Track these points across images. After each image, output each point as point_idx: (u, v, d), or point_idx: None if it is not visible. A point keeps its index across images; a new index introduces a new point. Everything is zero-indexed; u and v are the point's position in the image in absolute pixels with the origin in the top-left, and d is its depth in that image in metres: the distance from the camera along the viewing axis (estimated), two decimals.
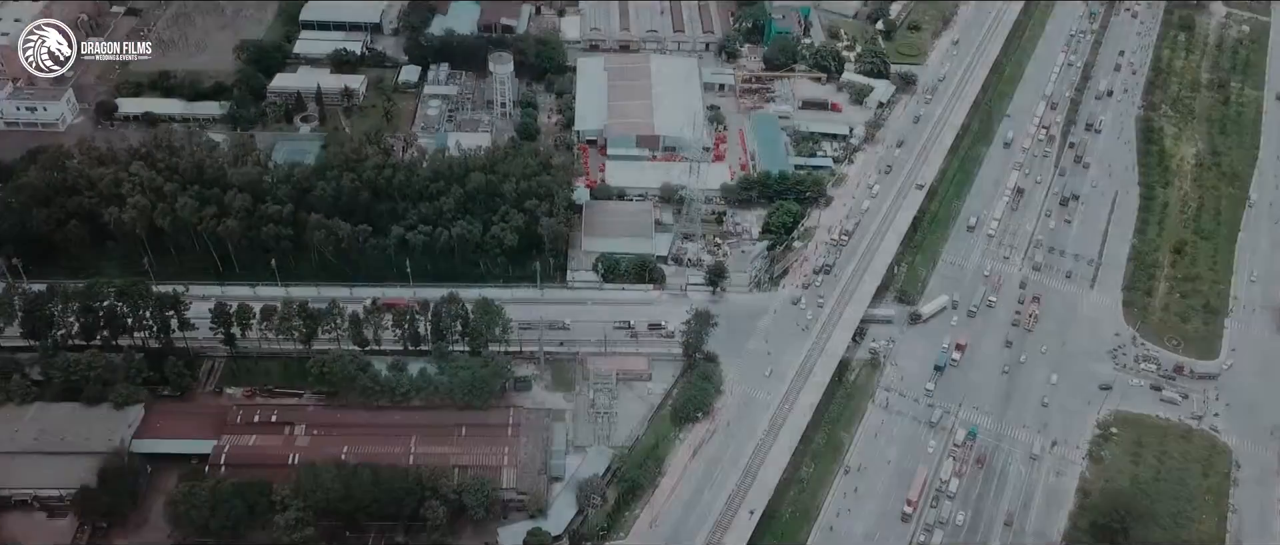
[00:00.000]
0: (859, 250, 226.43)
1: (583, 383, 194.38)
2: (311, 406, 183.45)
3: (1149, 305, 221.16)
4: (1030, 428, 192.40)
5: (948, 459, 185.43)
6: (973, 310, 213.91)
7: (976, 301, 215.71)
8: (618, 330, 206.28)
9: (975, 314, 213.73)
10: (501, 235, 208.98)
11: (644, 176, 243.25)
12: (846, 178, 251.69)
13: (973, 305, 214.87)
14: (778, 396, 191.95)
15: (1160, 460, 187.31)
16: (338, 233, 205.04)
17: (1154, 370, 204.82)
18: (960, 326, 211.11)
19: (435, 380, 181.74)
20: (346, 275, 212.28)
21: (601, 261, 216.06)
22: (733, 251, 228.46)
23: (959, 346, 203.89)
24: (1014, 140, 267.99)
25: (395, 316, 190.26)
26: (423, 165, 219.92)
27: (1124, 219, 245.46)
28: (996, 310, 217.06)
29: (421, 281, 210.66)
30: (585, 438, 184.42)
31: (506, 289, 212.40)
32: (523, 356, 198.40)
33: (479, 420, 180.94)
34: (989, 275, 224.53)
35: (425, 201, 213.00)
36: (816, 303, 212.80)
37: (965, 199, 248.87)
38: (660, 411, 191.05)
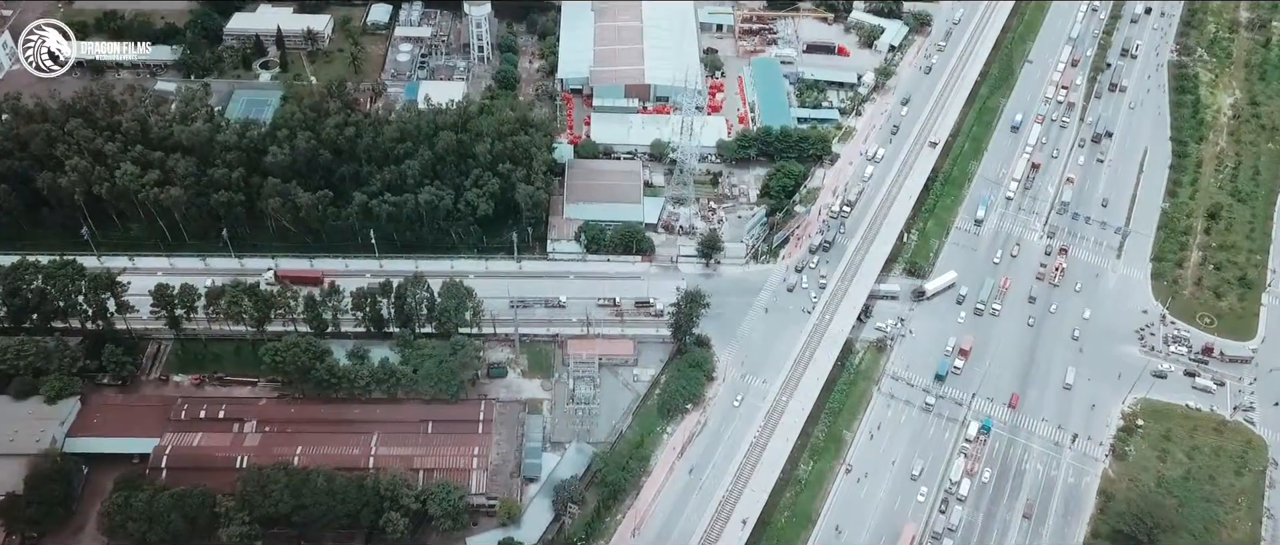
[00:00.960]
0: (866, 218, 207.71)
1: (562, 369, 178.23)
2: (264, 400, 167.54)
3: (1180, 278, 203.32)
4: (1049, 420, 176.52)
5: (958, 456, 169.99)
6: (980, 308, 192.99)
7: (984, 296, 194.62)
8: (602, 308, 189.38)
9: (982, 312, 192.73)
10: (475, 203, 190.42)
11: (632, 132, 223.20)
12: (853, 132, 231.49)
13: (980, 302, 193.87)
14: (775, 385, 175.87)
15: (1190, 456, 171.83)
16: (295, 200, 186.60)
17: (1185, 353, 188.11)
18: (967, 325, 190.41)
19: (398, 372, 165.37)
20: (307, 245, 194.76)
21: (585, 231, 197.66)
22: (728, 217, 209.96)
23: (963, 352, 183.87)
24: (1036, 88, 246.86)
25: (355, 298, 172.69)
26: (390, 121, 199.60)
27: (1154, 179, 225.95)
28: (1012, 290, 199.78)
29: (388, 252, 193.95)
30: (564, 432, 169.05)
31: (481, 260, 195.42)
32: (498, 339, 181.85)
33: (447, 415, 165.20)
34: (1001, 257, 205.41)
35: (391, 165, 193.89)
36: (818, 281, 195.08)
37: (983, 157, 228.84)
38: (646, 401, 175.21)
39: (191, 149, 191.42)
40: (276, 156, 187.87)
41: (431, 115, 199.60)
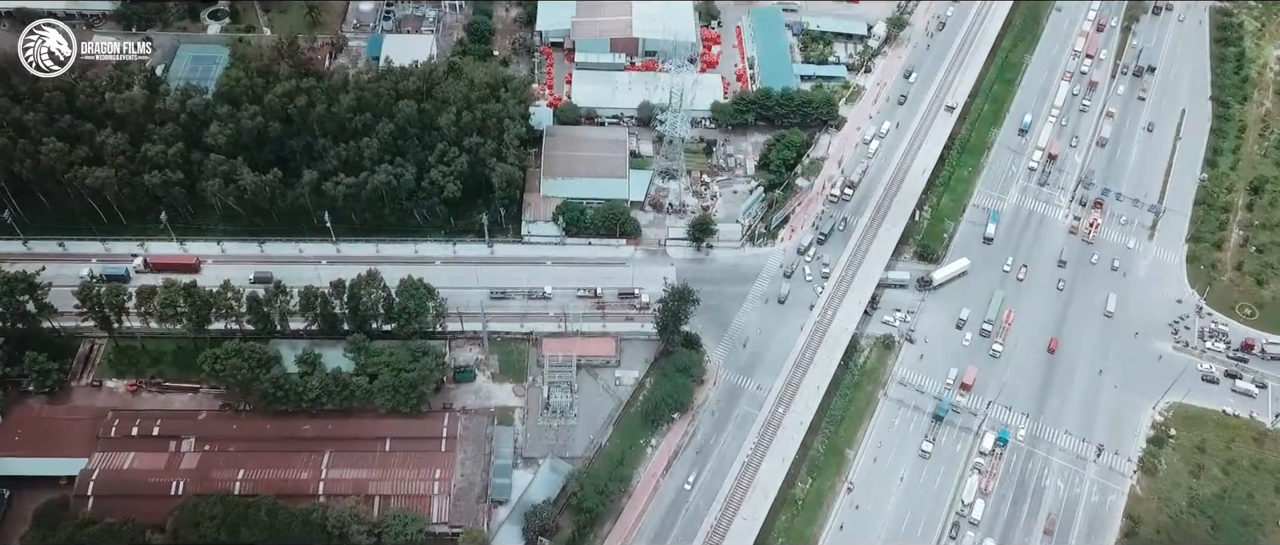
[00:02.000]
0: (874, 195, 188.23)
1: (537, 371, 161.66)
2: (204, 413, 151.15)
3: (1218, 262, 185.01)
4: (1072, 430, 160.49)
5: (971, 474, 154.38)
6: (986, 329, 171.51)
7: (991, 315, 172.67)
8: (582, 299, 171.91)
9: (989, 333, 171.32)
10: (440, 182, 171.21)
11: (618, 94, 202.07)
12: (862, 92, 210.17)
13: (986, 322, 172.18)
14: (771, 391, 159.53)
15: (1225, 471, 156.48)
16: (239, 182, 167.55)
17: (1222, 350, 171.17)
18: (973, 348, 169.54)
19: (353, 384, 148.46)
20: (257, 227, 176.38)
21: (563, 212, 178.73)
22: (723, 191, 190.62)
23: (965, 386, 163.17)
24: (1063, 44, 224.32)
25: (304, 298, 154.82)
26: (346, 90, 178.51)
27: (1192, 146, 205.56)
28: (1038, 263, 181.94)
29: (346, 235, 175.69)
30: (538, 446, 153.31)
31: (448, 244, 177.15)
32: (465, 337, 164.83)
33: (407, 430, 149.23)
34: (1019, 243, 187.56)
35: (348, 140, 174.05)
36: (821, 268, 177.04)
37: (1003, 122, 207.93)
38: (629, 408, 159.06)
39: (127, 118, 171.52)
40: (216, 135, 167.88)
41: (392, 83, 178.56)
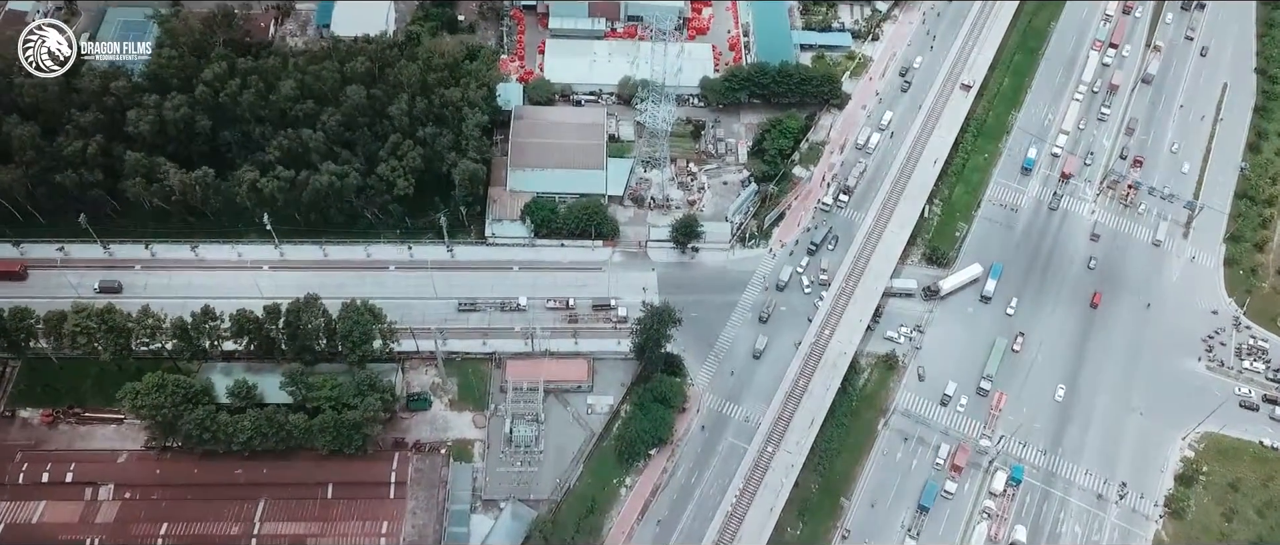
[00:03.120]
0: (879, 192, 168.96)
1: (500, 397, 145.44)
2: (124, 456, 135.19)
3: (1259, 266, 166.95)
4: (1093, 467, 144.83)
5: (979, 519, 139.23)
6: (984, 387, 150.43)
7: (991, 371, 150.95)
8: (552, 310, 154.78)
9: (987, 391, 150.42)
10: (392, 179, 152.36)
11: (596, 67, 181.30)
12: (869, 64, 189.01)
13: (984, 379, 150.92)
14: (760, 424, 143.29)
15: (1261, 514, 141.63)
16: (164, 182, 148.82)
17: (1261, 372, 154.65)
18: (969, 408, 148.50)
19: (290, 425, 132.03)
20: (190, 228, 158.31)
21: (532, 213, 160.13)
22: (712, 182, 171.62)
23: (955, 468, 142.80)
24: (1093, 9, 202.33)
25: (237, 323, 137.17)
26: (286, 71, 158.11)
27: (1233, 129, 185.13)
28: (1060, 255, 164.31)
29: (291, 236, 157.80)
30: (499, 487, 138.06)
31: (404, 246, 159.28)
32: (421, 357, 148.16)
33: (351, 475, 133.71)
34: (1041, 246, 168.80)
35: (288, 127, 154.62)
36: (819, 275, 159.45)
37: (1023, 103, 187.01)
38: (602, 442, 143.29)
39: (42, 106, 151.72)
40: (138, 124, 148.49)
41: (337, 64, 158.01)
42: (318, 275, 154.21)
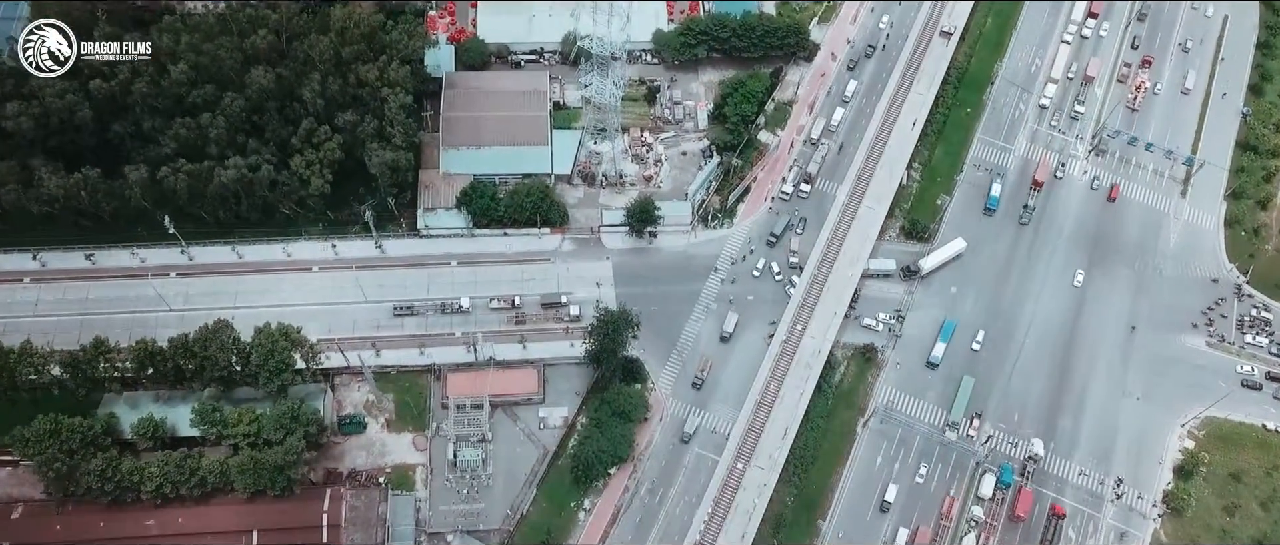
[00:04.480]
0: (853, 161, 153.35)
1: (443, 414, 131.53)
2: (19, 509, 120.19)
3: (1262, 226, 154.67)
4: (1086, 461, 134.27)
5: (967, 531, 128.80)
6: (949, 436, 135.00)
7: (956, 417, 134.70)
8: (496, 311, 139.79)
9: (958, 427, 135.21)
10: (306, 176, 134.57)
11: (536, 25, 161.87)
12: (838, 11, 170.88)
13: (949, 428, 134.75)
14: (730, 433, 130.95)
15: (1265, 508, 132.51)
16: (44, 187, 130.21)
17: (1264, 346, 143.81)
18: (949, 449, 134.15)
19: (204, 470, 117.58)
20: (84, 231, 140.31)
21: (469, 200, 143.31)
22: (670, 153, 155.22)
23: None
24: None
25: (137, 356, 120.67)
26: (178, 53, 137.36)
27: (1234, 72, 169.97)
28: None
29: (199, 236, 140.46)
30: (445, 518, 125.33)
31: (327, 242, 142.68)
32: (352, 372, 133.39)
33: (278, 519, 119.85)
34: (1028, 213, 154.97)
35: (186, 115, 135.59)
36: (789, 259, 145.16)
37: (1009, 48, 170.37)
38: (557, 460, 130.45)
39: None
40: (18, 119, 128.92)
41: (235, 41, 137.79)
42: (232, 280, 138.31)
